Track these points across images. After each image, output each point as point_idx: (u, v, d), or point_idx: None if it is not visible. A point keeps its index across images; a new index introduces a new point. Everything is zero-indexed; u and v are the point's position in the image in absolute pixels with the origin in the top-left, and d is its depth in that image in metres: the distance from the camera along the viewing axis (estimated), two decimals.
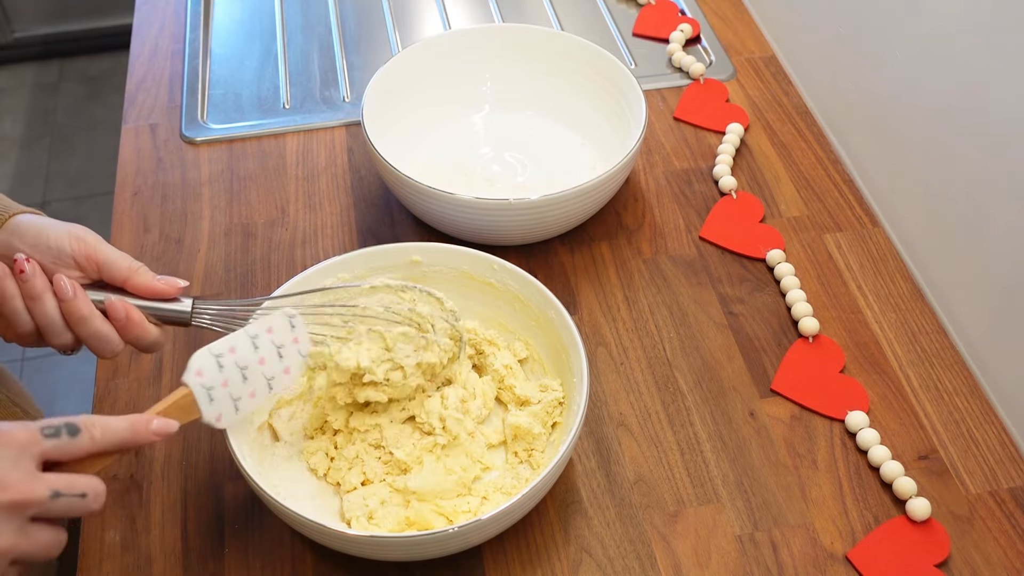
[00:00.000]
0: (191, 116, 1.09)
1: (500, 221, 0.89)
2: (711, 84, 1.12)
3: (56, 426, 0.56)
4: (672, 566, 0.73)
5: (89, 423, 0.58)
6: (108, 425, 0.59)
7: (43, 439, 0.56)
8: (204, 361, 0.67)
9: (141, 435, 0.60)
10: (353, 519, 0.73)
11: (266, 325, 0.70)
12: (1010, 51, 0.78)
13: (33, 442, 0.55)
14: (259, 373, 0.69)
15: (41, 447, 0.55)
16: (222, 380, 0.67)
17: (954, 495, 0.78)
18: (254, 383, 0.69)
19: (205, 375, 0.66)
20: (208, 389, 0.66)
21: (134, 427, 0.60)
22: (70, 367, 1.95)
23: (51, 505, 0.55)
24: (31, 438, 0.55)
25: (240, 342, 0.69)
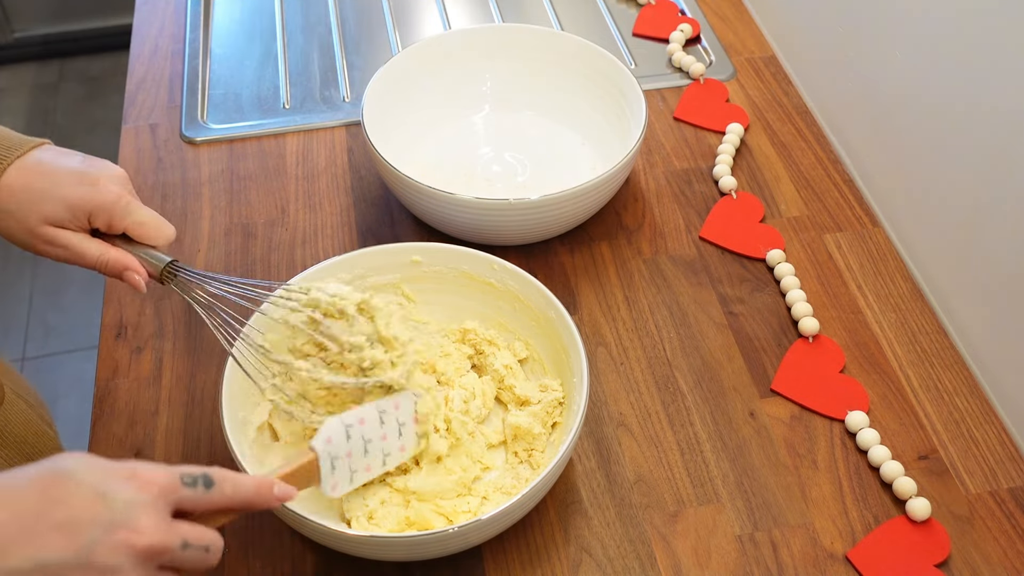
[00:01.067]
0: (191, 116, 1.09)
1: (500, 221, 0.89)
2: (711, 84, 1.12)
3: (195, 476, 0.56)
4: (672, 566, 0.73)
5: (222, 478, 0.57)
6: (238, 483, 0.58)
7: (181, 487, 0.55)
8: (335, 430, 0.67)
9: (264, 498, 0.59)
10: (353, 519, 0.73)
11: (394, 402, 0.70)
12: (1010, 51, 0.78)
13: (172, 489, 0.54)
14: (379, 448, 0.70)
15: (178, 495, 0.55)
16: (347, 450, 0.67)
17: (954, 495, 0.78)
18: (373, 457, 0.69)
19: (334, 443, 0.66)
20: (333, 458, 0.66)
21: (260, 489, 0.59)
22: (70, 367, 1.95)
23: (179, 555, 0.54)
24: (171, 485, 0.54)
25: (370, 414, 0.69)
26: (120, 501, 0.51)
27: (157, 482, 0.53)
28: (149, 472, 0.54)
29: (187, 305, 0.90)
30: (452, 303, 0.85)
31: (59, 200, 0.70)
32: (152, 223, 0.73)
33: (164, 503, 0.54)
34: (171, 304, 0.91)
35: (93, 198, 0.71)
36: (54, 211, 0.70)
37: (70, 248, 0.72)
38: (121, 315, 0.90)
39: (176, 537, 0.53)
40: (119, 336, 0.88)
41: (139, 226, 0.73)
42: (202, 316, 0.73)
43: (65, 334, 2.01)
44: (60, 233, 0.71)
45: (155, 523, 0.52)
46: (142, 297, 0.91)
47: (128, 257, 0.73)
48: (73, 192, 0.71)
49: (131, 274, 0.73)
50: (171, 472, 0.55)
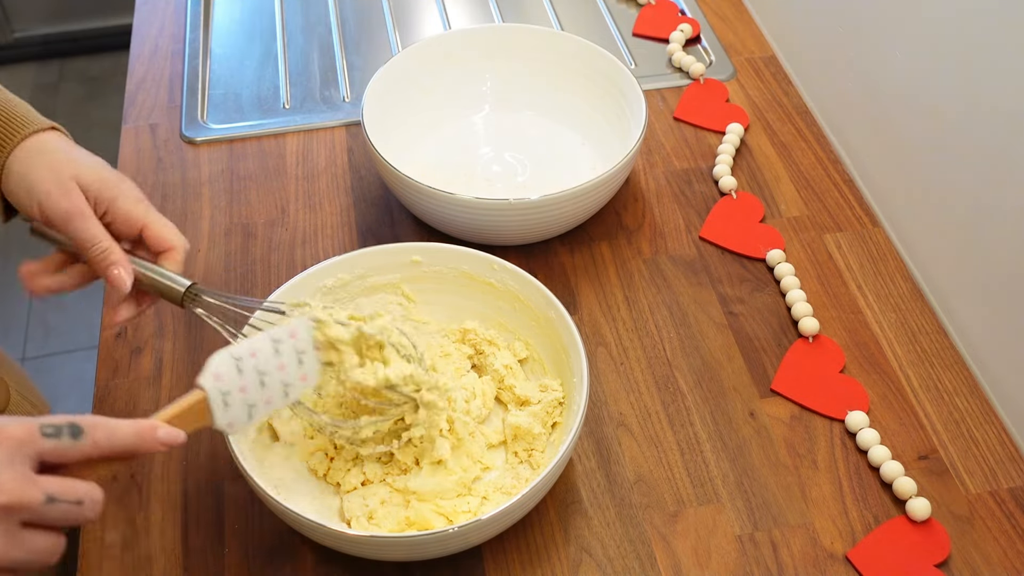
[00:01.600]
0: (191, 116, 1.09)
1: (500, 221, 0.89)
2: (711, 84, 1.12)
3: (57, 425, 0.53)
4: (672, 566, 0.73)
5: (92, 425, 0.54)
6: (113, 430, 0.55)
7: (42, 438, 0.52)
8: (224, 364, 0.63)
9: (147, 443, 0.57)
10: (353, 519, 0.73)
11: (289, 330, 0.67)
12: (1010, 50, 0.78)
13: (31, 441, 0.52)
14: (277, 379, 0.66)
15: (39, 447, 0.52)
16: (240, 385, 0.64)
17: (954, 495, 0.78)
18: (271, 390, 0.66)
19: (224, 379, 0.63)
20: (224, 394, 0.63)
21: (140, 433, 0.56)
22: (70, 367, 1.95)
23: (45, 510, 0.52)
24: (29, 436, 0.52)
25: (262, 345, 0.66)
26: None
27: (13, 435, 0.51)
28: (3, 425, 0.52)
29: None
30: (452, 303, 0.85)
31: (95, 171, 0.70)
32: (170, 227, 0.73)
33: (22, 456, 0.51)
34: (171, 304, 0.90)
35: (121, 184, 0.71)
36: (86, 175, 0.70)
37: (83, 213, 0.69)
38: None
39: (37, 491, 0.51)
40: (119, 336, 0.88)
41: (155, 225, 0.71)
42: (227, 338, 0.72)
43: (65, 334, 2.01)
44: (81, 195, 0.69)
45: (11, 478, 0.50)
46: None
47: (122, 254, 0.70)
48: (107, 171, 0.71)
49: (118, 269, 0.69)
50: (29, 424, 0.52)
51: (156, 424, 0.58)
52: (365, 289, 0.84)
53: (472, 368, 0.83)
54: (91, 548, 0.74)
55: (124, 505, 0.76)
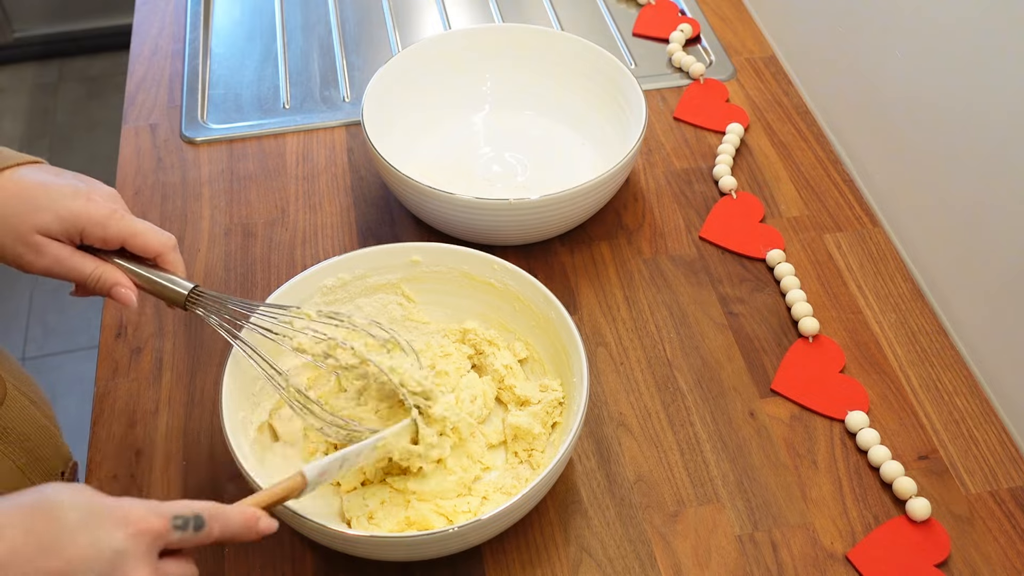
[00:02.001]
0: (191, 116, 1.09)
1: (500, 221, 0.89)
2: (711, 84, 1.12)
3: (187, 518, 0.55)
4: (672, 566, 0.73)
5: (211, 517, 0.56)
6: (227, 521, 0.57)
7: (172, 530, 0.55)
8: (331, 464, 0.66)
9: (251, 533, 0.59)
10: (353, 519, 0.73)
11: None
12: (1010, 50, 0.78)
13: (164, 533, 0.54)
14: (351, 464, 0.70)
15: (168, 539, 0.54)
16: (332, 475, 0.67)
17: (954, 495, 0.78)
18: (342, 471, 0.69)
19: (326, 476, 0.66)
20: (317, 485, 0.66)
21: (247, 524, 0.59)
22: (70, 367, 1.95)
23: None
24: (163, 529, 0.54)
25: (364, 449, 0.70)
26: (111, 551, 0.51)
27: (150, 530, 0.53)
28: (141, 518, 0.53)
29: None
30: (452, 303, 0.85)
31: (53, 212, 0.69)
32: (148, 231, 0.72)
33: (155, 549, 0.54)
34: None
35: (86, 211, 0.69)
36: (47, 222, 0.69)
37: (61, 262, 0.70)
38: (121, 315, 0.90)
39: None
40: (119, 336, 0.88)
41: (134, 236, 0.71)
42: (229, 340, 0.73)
43: (65, 334, 2.01)
44: (52, 244, 0.70)
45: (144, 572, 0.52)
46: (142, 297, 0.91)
47: (118, 273, 0.71)
48: (67, 205, 0.69)
49: (119, 289, 0.71)
50: (163, 516, 0.54)
51: (259, 515, 0.60)
52: (365, 289, 0.84)
53: (472, 368, 0.83)
54: None
55: None
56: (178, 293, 0.72)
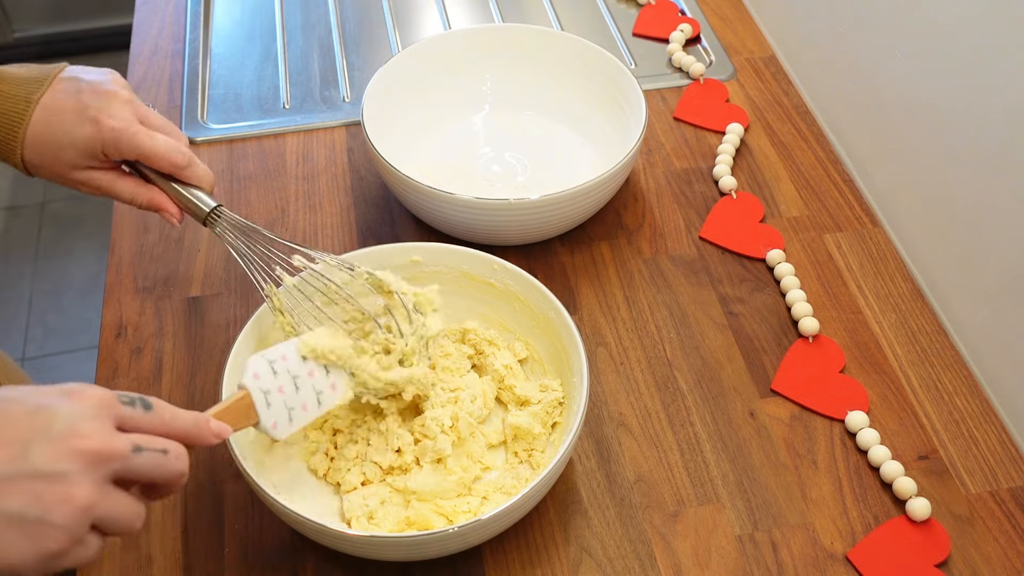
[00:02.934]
0: (191, 116, 1.09)
1: (500, 221, 0.89)
2: (711, 84, 1.12)
3: (132, 397, 0.54)
4: (672, 566, 0.73)
5: (160, 404, 0.56)
6: (176, 412, 0.57)
7: (119, 404, 0.53)
8: (259, 365, 0.66)
9: (203, 431, 0.58)
10: (353, 519, 0.73)
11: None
12: (1010, 50, 0.78)
13: (111, 404, 0.53)
14: (309, 385, 0.69)
15: (117, 410, 0.53)
16: (277, 386, 0.66)
17: (954, 495, 0.78)
18: (305, 395, 0.68)
19: (262, 378, 0.66)
20: (265, 393, 0.66)
21: (197, 421, 0.58)
22: (70, 367, 1.95)
23: (134, 460, 0.52)
24: (108, 400, 0.53)
25: (291, 351, 0.68)
26: (61, 411, 0.51)
27: (93, 395, 0.53)
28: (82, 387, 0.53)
29: (187, 305, 0.90)
30: (452, 303, 0.85)
31: (71, 147, 0.73)
32: (160, 152, 0.74)
33: (105, 415, 0.52)
34: (171, 304, 0.91)
35: (98, 135, 0.73)
36: (73, 158, 0.73)
37: (103, 188, 0.76)
38: (121, 315, 0.90)
39: (124, 441, 0.52)
40: (119, 336, 0.88)
41: (147, 158, 0.74)
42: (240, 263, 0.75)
43: (65, 334, 2.01)
44: (92, 176, 0.75)
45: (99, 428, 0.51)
46: (142, 297, 0.91)
47: (160, 196, 0.76)
48: (79, 135, 0.73)
49: (164, 213, 0.77)
50: (106, 390, 0.54)
51: (209, 417, 0.60)
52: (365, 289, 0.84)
53: (472, 368, 0.83)
54: None
55: None
56: (200, 209, 0.77)
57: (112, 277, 0.93)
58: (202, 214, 0.77)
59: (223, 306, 0.90)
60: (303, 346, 0.69)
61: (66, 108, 0.73)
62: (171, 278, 0.93)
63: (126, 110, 0.74)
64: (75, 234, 2.18)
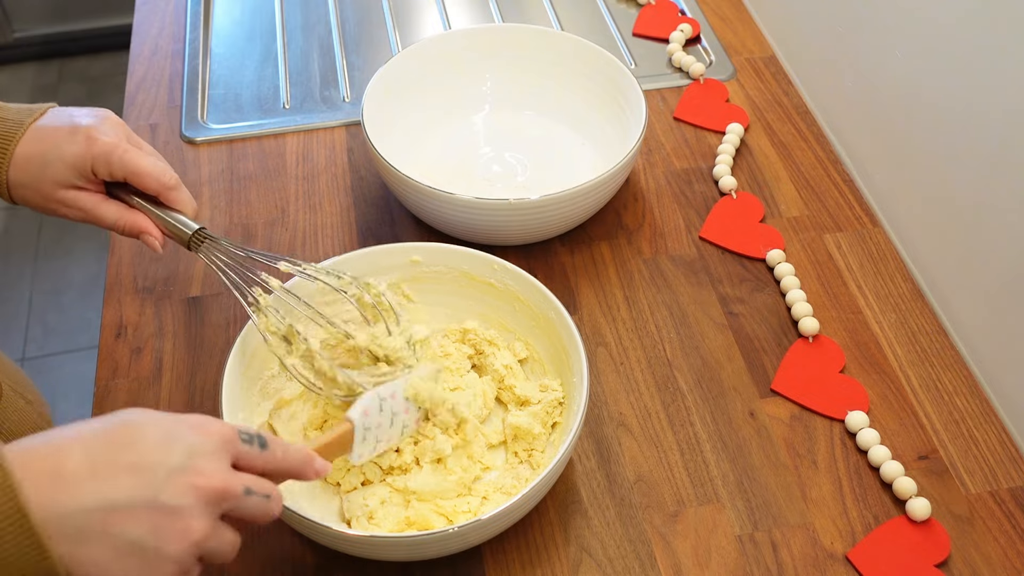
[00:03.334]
0: (191, 116, 1.09)
1: (500, 221, 0.89)
2: (711, 84, 1.12)
3: (251, 434, 0.56)
4: (672, 566, 0.73)
5: (273, 441, 0.57)
6: (287, 449, 0.58)
7: (240, 441, 0.55)
8: (372, 403, 0.68)
9: (308, 469, 0.60)
10: (353, 519, 0.73)
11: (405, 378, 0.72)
12: (1010, 50, 0.78)
13: (232, 441, 0.55)
14: (400, 421, 0.71)
15: (237, 449, 0.55)
16: (378, 422, 0.69)
17: (954, 495, 0.78)
18: (394, 430, 0.71)
19: (370, 416, 0.68)
20: (366, 430, 0.67)
21: (306, 460, 0.60)
22: (70, 367, 1.95)
23: (243, 501, 0.54)
24: (231, 437, 0.55)
25: (399, 390, 0.71)
26: (186, 445, 0.52)
27: (219, 433, 0.54)
28: (211, 423, 0.55)
29: (187, 305, 0.90)
30: (452, 303, 0.85)
31: (60, 162, 0.72)
32: (148, 173, 0.74)
33: (226, 452, 0.54)
34: (171, 304, 0.91)
35: (88, 151, 0.73)
36: (60, 174, 0.73)
37: (87, 212, 0.75)
38: (121, 315, 0.90)
39: (239, 482, 0.54)
40: (119, 336, 0.88)
41: (135, 176, 0.74)
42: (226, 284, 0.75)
43: (65, 334, 2.01)
44: (78, 197, 0.74)
45: (219, 467, 0.53)
46: (142, 297, 0.91)
47: (144, 221, 0.76)
48: (69, 150, 0.72)
49: (146, 237, 0.76)
50: (230, 426, 0.56)
51: (315, 454, 0.61)
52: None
53: (472, 368, 0.83)
54: None
55: None
56: (183, 232, 0.76)
57: (112, 277, 0.93)
58: (185, 237, 0.76)
59: (223, 306, 0.90)
60: (409, 388, 0.72)
61: (59, 127, 0.73)
62: (171, 278, 0.93)
63: (118, 130, 0.75)
64: (75, 234, 2.18)
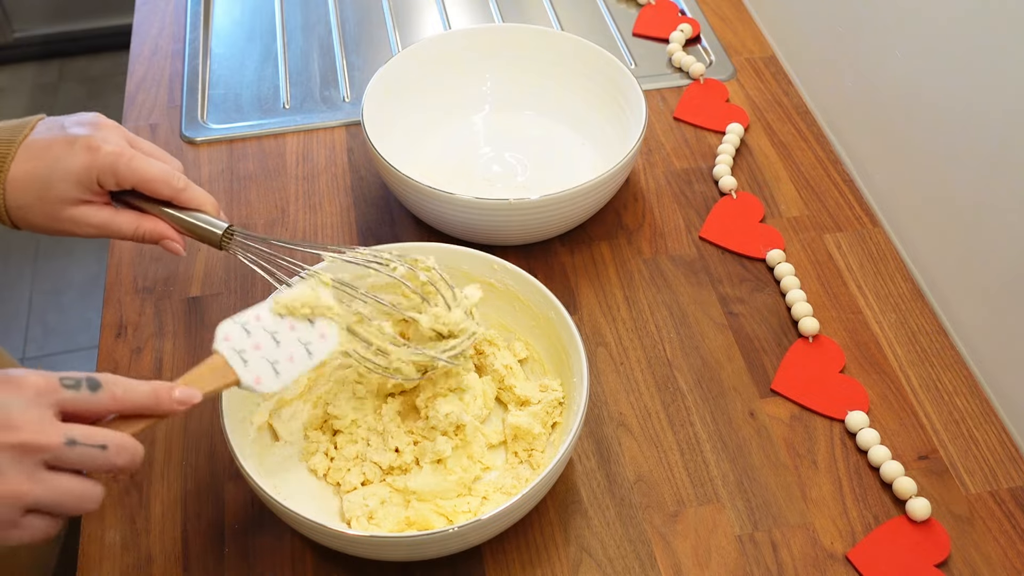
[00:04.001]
0: (191, 116, 1.09)
1: (500, 221, 0.89)
2: (711, 84, 1.12)
3: (76, 378, 0.54)
4: (672, 566, 0.73)
5: (111, 381, 0.56)
6: (130, 386, 0.56)
7: (62, 388, 0.54)
8: (230, 327, 0.66)
9: (164, 402, 0.58)
10: (353, 519, 0.73)
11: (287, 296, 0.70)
12: (1010, 50, 0.78)
13: (51, 390, 0.53)
14: (292, 338, 0.68)
15: (58, 396, 0.53)
16: (253, 344, 0.66)
17: (954, 495, 0.78)
18: (289, 348, 0.67)
19: (233, 339, 0.65)
20: (239, 352, 0.65)
21: (156, 392, 0.57)
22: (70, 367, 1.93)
23: (66, 452, 0.53)
24: (49, 386, 0.53)
25: (264, 311, 0.68)
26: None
27: (33, 383, 0.53)
28: (21, 375, 0.53)
29: (187, 305, 0.90)
30: None
31: (62, 178, 0.69)
32: (157, 177, 0.72)
33: (44, 403, 0.53)
34: (171, 304, 0.91)
35: (92, 162, 0.70)
36: (65, 191, 0.69)
37: (102, 227, 0.72)
38: (121, 315, 0.90)
39: (57, 433, 0.52)
40: (119, 336, 0.88)
41: (146, 183, 0.72)
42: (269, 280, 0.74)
43: (65, 334, 2.01)
44: (87, 212, 0.71)
45: (33, 419, 0.52)
46: (142, 297, 0.91)
47: (162, 226, 0.74)
48: (71, 164, 0.69)
49: (168, 243, 0.74)
50: (48, 375, 0.54)
51: (172, 384, 0.59)
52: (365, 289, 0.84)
53: (472, 368, 0.83)
54: (91, 548, 0.74)
55: (124, 505, 0.76)
56: (213, 233, 0.74)
57: (112, 277, 0.93)
58: (216, 237, 0.74)
59: (223, 306, 0.90)
60: (276, 304, 0.69)
61: (54, 142, 0.70)
62: (171, 278, 0.93)
63: (117, 135, 0.72)
64: None
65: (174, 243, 0.74)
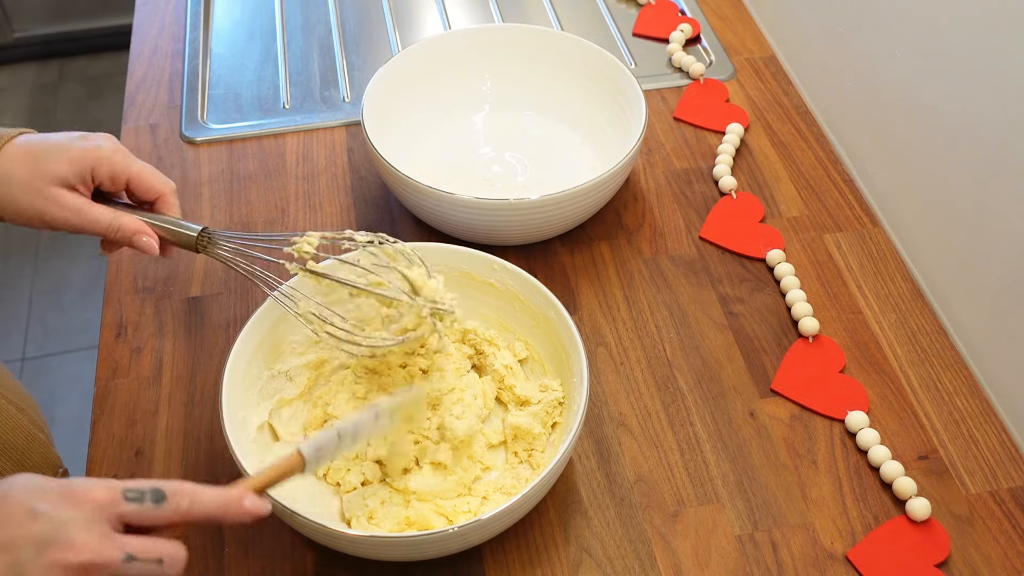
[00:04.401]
0: (191, 116, 1.09)
1: (500, 221, 0.89)
2: (711, 84, 1.12)
3: (141, 490, 0.54)
4: (672, 566, 0.73)
5: (177, 492, 0.55)
6: (197, 497, 0.55)
7: (123, 502, 0.53)
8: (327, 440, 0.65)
9: (232, 514, 0.57)
10: (353, 519, 0.73)
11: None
12: (1010, 50, 0.78)
13: (112, 504, 0.53)
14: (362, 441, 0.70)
15: (120, 510, 0.53)
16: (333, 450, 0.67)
17: (954, 495, 0.78)
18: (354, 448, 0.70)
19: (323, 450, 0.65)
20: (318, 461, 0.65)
21: (226, 504, 0.57)
22: (70, 368, 1.95)
23: (124, 569, 0.52)
24: (111, 499, 0.53)
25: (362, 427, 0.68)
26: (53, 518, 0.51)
27: (93, 498, 0.52)
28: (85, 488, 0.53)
29: (187, 305, 0.90)
30: None
31: (64, 159, 0.72)
32: (151, 173, 0.75)
33: (103, 518, 0.52)
34: (171, 304, 0.91)
35: (94, 151, 0.73)
36: (60, 171, 0.71)
37: (81, 212, 0.72)
38: (121, 315, 0.90)
39: (116, 551, 0.52)
40: (119, 336, 0.88)
41: (139, 176, 0.75)
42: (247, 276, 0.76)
43: (65, 334, 2.01)
44: (70, 196, 0.72)
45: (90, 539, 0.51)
46: (142, 297, 0.91)
47: (139, 222, 0.74)
48: (74, 147, 0.72)
49: (141, 237, 0.74)
50: (111, 487, 0.53)
51: (243, 494, 0.58)
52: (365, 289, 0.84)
53: (472, 368, 0.83)
54: None
55: None
56: (189, 236, 0.76)
57: (112, 277, 0.93)
58: (191, 239, 0.76)
59: (223, 306, 0.90)
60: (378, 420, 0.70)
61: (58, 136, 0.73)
62: (171, 278, 0.93)
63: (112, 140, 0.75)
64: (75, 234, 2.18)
65: (149, 239, 0.75)
